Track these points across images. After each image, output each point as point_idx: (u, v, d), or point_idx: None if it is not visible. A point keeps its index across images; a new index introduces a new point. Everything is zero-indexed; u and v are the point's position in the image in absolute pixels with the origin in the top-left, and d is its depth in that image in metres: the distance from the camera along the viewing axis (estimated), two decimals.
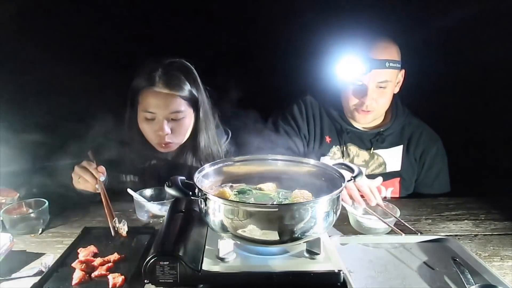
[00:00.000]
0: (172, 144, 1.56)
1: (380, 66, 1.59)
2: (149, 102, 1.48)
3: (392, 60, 1.60)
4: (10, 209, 1.35)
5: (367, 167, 1.79)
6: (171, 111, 1.49)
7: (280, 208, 0.97)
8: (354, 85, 1.66)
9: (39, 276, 1.05)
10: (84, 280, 1.03)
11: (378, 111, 1.71)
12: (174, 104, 1.49)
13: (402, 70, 1.70)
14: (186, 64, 1.57)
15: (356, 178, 1.13)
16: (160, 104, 1.48)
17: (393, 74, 1.63)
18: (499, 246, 1.24)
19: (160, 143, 1.54)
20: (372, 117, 1.72)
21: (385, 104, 1.70)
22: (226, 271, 0.98)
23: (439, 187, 1.79)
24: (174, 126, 1.53)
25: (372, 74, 1.60)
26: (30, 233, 1.32)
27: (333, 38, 1.78)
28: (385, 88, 1.63)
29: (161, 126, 1.49)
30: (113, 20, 2.07)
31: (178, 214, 1.16)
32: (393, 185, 1.78)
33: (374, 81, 1.61)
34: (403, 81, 1.73)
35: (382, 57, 1.59)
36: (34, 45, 1.85)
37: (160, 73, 1.49)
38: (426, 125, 1.82)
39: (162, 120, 1.49)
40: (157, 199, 1.44)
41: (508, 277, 1.07)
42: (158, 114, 1.49)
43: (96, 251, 1.17)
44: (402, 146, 1.79)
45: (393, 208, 1.36)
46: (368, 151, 1.78)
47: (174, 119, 1.51)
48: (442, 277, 1.06)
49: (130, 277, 1.03)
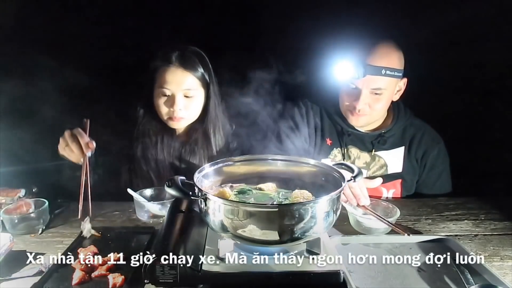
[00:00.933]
0: (182, 119, 1.65)
1: (376, 72, 1.56)
2: (165, 79, 1.60)
3: (390, 68, 1.56)
4: (10, 209, 1.35)
5: (368, 169, 1.78)
6: (184, 88, 1.60)
7: (280, 208, 0.97)
8: (348, 88, 1.65)
9: (39, 276, 1.05)
10: (84, 280, 1.03)
11: (372, 116, 1.69)
12: (187, 81, 1.61)
13: (404, 78, 1.67)
14: (200, 51, 1.68)
15: (356, 178, 1.13)
16: (175, 81, 1.60)
17: (391, 82, 1.60)
18: (499, 246, 1.24)
19: (172, 117, 1.63)
20: (365, 121, 1.70)
21: (381, 110, 1.68)
22: (226, 271, 0.98)
23: (441, 188, 1.78)
24: (186, 103, 1.63)
25: (367, 80, 1.57)
26: (30, 233, 1.32)
27: (333, 38, 1.77)
28: (380, 94, 1.61)
29: (174, 101, 1.60)
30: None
31: (178, 214, 1.15)
32: (394, 187, 1.77)
33: (368, 87, 1.59)
34: (405, 89, 1.70)
35: (379, 63, 1.56)
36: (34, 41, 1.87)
37: (176, 54, 1.62)
38: (428, 126, 1.80)
39: (176, 96, 1.60)
40: (157, 199, 1.44)
41: (508, 277, 1.07)
42: (172, 90, 1.60)
43: (96, 251, 1.17)
44: (403, 148, 1.77)
45: (393, 208, 1.36)
46: (369, 153, 1.77)
47: (186, 96, 1.62)
48: (442, 277, 1.06)
49: (130, 277, 1.03)
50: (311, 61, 1.91)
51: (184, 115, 1.65)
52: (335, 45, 1.72)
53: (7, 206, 1.37)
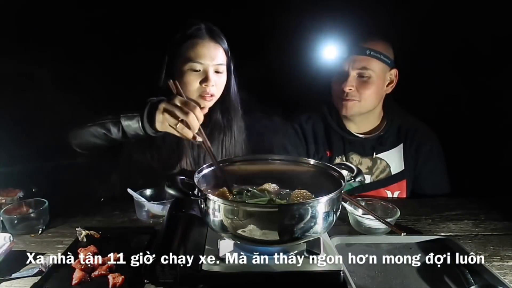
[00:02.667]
0: (213, 97, 1.56)
1: (360, 52, 1.63)
2: (198, 52, 1.50)
3: (375, 50, 1.63)
4: (10, 209, 1.35)
5: (371, 174, 1.79)
6: (217, 63, 1.53)
7: (280, 208, 0.97)
8: (337, 73, 1.70)
9: (39, 276, 1.05)
10: (84, 280, 1.03)
11: (362, 105, 1.70)
12: (219, 55, 1.54)
13: (393, 69, 1.71)
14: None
15: (356, 178, 1.14)
16: (208, 54, 1.51)
17: (377, 65, 1.65)
18: (499, 246, 1.24)
19: (204, 95, 1.53)
20: (356, 109, 1.71)
21: (371, 98, 1.69)
22: (226, 271, 0.98)
23: (434, 185, 1.78)
24: (216, 79, 1.55)
25: (352, 60, 1.65)
26: (30, 233, 1.32)
27: (322, 22, 1.83)
28: (368, 78, 1.65)
29: (207, 76, 1.51)
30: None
31: (178, 214, 1.15)
32: (399, 188, 1.78)
33: (354, 67, 1.65)
34: (396, 82, 1.74)
35: (363, 44, 1.64)
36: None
37: (204, 27, 1.54)
38: (421, 123, 1.83)
39: (209, 71, 1.52)
40: (157, 199, 1.44)
41: (508, 277, 1.07)
42: (205, 64, 1.51)
43: (96, 251, 1.17)
44: (401, 145, 1.79)
45: (393, 208, 1.36)
46: (370, 157, 1.78)
47: (217, 72, 1.55)
48: (442, 277, 1.06)
49: (130, 277, 1.03)
50: (300, 47, 1.91)
51: (214, 92, 1.55)
52: (322, 29, 1.78)
53: (7, 206, 1.37)
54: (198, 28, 1.53)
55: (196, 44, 1.51)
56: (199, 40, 1.52)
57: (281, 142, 1.78)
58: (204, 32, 1.53)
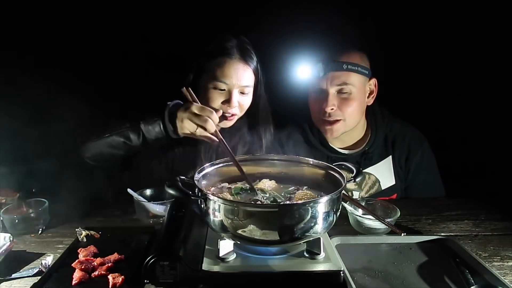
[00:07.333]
0: (235, 116, 1.55)
1: (337, 68, 1.55)
2: (225, 72, 1.48)
3: (351, 63, 1.56)
4: (10, 209, 1.35)
5: (360, 190, 1.73)
6: (243, 84, 1.51)
7: (280, 208, 0.97)
8: (315, 92, 1.62)
9: (39, 276, 1.05)
10: (84, 280, 1.03)
11: (347, 124, 1.63)
12: (247, 77, 1.51)
13: (372, 79, 1.65)
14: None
15: (356, 178, 1.14)
16: (235, 75, 1.48)
17: (356, 78, 1.58)
18: (499, 246, 1.25)
19: (225, 114, 1.52)
20: (341, 130, 1.63)
21: (354, 114, 1.62)
22: (226, 271, 0.98)
23: (428, 191, 1.73)
24: (240, 99, 1.53)
25: (330, 77, 1.57)
26: (30, 233, 1.32)
27: (293, 41, 1.76)
28: (349, 94, 1.57)
29: (231, 97, 1.49)
30: None
31: (178, 214, 1.15)
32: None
33: (333, 84, 1.57)
34: (377, 92, 1.67)
35: (340, 59, 1.56)
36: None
37: (236, 45, 1.51)
38: (410, 126, 1.76)
39: (233, 92, 1.49)
40: (157, 199, 1.44)
41: (508, 277, 1.07)
42: (231, 85, 1.49)
43: (96, 251, 1.17)
44: (390, 157, 1.73)
45: (393, 208, 1.36)
46: None
47: (242, 93, 1.53)
48: (442, 277, 1.06)
49: (130, 277, 1.03)
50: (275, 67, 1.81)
51: (237, 112, 1.53)
52: (295, 48, 1.71)
53: (7, 206, 1.37)
54: (230, 46, 1.49)
55: (224, 62, 1.48)
56: (227, 59, 1.48)
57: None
58: (235, 51, 1.49)
